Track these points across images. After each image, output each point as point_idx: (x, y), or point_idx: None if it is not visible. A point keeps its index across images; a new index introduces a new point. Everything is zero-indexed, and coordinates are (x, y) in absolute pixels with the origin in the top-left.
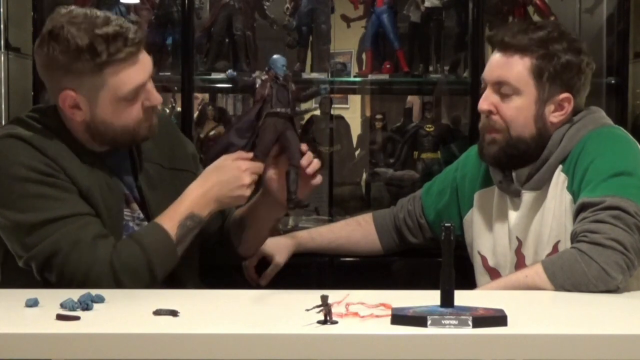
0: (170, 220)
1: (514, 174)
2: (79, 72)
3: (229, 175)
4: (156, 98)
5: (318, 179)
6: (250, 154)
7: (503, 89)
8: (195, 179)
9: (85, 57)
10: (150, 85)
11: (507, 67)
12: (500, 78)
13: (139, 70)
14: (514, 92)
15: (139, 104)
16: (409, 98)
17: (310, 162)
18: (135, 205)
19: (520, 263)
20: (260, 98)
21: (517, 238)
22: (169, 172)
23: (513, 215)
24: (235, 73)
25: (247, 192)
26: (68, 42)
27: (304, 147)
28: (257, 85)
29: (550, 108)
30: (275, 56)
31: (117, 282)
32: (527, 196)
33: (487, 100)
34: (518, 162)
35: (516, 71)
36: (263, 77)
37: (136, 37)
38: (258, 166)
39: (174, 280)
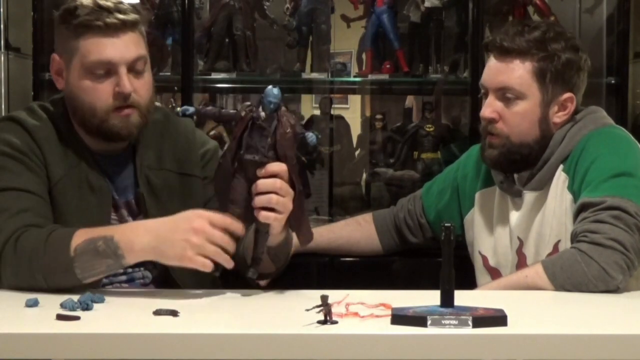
0: (89, 232)
1: (515, 175)
2: (64, 35)
3: (177, 218)
4: (125, 85)
5: (262, 216)
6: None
7: (507, 94)
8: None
9: (68, 19)
10: (124, 72)
11: (508, 72)
12: (503, 84)
13: (114, 46)
14: (518, 96)
15: (108, 86)
16: (408, 98)
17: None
18: (124, 212)
19: (521, 263)
20: (233, 138)
21: (519, 238)
22: (179, 177)
23: (514, 216)
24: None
25: (193, 239)
26: (63, 4)
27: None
28: (234, 121)
29: (554, 109)
30: (268, 87)
31: (5, 254)
32: (528, 196)
33: (491, 108)
34: (520, 166)
35: (518, 75)
36: (243, 113)
37: (122, 14)
38: (218, 218)
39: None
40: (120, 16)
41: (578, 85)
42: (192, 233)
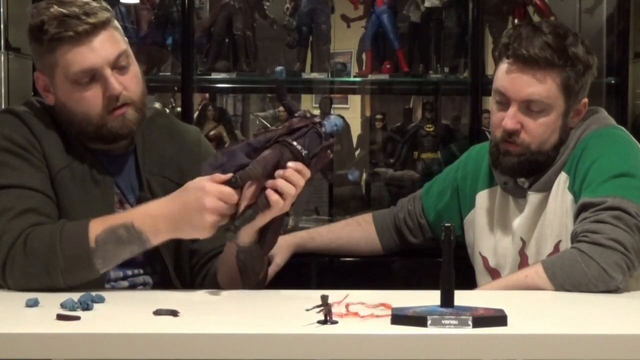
0: (104, 221)
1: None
2: (38, 52)
3: (188, 198)
4: (113, 87)
5: (274, 199)
6: (226, 176)
7: (532, 107)
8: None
9: (38, 36)
10: (109, 73)
11: (536, 85)
12: (531, 97)
13: (92, 51)
14: (545, 109)
15: (97, 91)
16: (413, 98)
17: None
18: (128, 206)
19: (523, 263)
20: (288, 125)
21: (521, 239)
22: (178, 188)
23: (517, 216)
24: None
25: (208, 219)
26: (31, 20)
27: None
28: (297, 115)
29: (571, 115)
30: (335, 115)
31: (13, 255)
32: (532, 197)
33: (514, 119)
34: (537, 171)
35: (547, 89)
36: (308, 115)
37: (91, 17)
38: (227, 192)
39: None
40: (91, 20)
41: (589, 87)
42: (203, 197)
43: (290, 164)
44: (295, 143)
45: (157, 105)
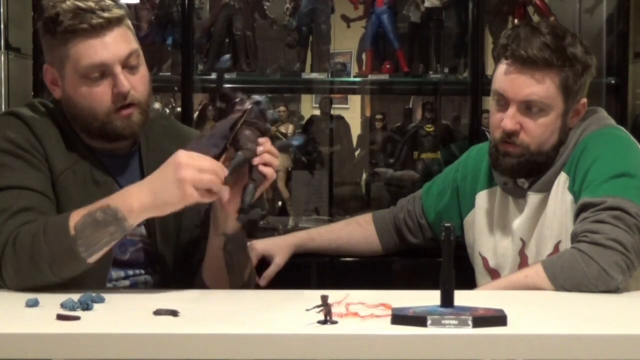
0: (84, 209)
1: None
2: (51, 44)
3: (165, 172)
4: (122, 85)
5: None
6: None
7: (531, 107)
8: None
9: (52, 28)
10: (119, 70)
11: (534, 85)
12: (529, 98)
13: (104, 46)
14: (544, 109)
15: (106, 87)
16: (413, 98)
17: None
18: None
19: (523, 263)
20: (243, 110)
21: (521, 239)
22: None
23: (517, 217)
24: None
25: (188, 191)
26: (43, 12)
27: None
28: (237, 100)
29: (570, 115)
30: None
31: (6, 254)
32: (532, 198)
33: (514, 120)
34: (536, 172)
35: (545, 89)
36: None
37: (106, 12)
38: (206, 165)
39: None
40: (105, 14)
41: (587, 87)
42: (182, 169)
43: (261, 139)
44: (256, 121)
45: (157, 105)
